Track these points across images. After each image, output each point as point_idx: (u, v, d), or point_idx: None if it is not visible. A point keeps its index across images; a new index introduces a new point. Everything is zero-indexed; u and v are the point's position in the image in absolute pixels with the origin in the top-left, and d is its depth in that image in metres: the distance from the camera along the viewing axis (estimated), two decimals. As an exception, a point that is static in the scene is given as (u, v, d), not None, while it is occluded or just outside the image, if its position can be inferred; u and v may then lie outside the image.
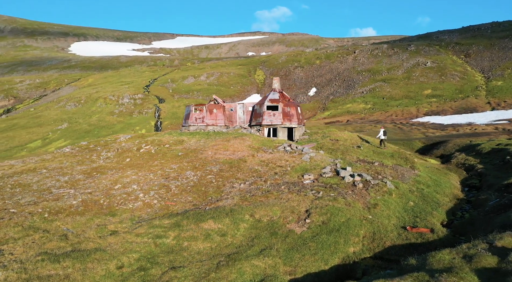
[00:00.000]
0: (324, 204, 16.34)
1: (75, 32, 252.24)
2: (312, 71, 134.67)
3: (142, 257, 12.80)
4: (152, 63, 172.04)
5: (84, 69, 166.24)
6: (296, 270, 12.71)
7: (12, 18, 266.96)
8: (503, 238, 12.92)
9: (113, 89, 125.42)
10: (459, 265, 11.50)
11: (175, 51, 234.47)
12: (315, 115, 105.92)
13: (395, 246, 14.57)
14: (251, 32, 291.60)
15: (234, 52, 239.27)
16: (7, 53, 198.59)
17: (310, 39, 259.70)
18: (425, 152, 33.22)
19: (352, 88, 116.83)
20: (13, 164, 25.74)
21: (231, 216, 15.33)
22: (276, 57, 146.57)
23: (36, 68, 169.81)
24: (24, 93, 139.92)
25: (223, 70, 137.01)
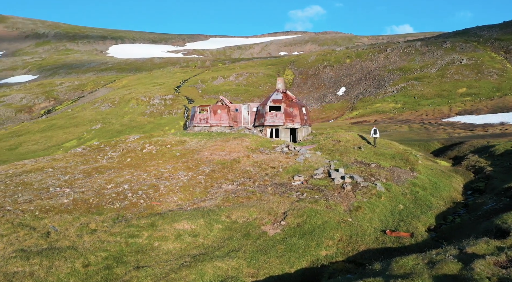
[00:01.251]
0: (303, 206, 16.19)
1: (113, 35, 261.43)
2: (342, 70, 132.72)
3: (110, 256, 13.21)
4: (184, 64, 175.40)
5: (120, 71, 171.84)
6: (259, 272, 12.70)
7: (55, 23, 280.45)
8: (475, 245, 12.40)
9: (145, 90, 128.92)
10: (419, 271, 11.17)
11: (208, 52, 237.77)
12: (343, 114, 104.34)
13: (369, 250, 14.23)
14: (284, 32, 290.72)
15: (266, 52, 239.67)
16: (50, 57, 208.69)
17: (344, 37, 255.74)
18: (439, 154, 31.98)
19: (382, 87, 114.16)
20: (26, 163, 27.19)
21: (206, 217, 15.50)
22: (305, 57, 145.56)
23: (76, 71, 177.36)
24: (63, 94, 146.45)
25: (252, 71, 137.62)
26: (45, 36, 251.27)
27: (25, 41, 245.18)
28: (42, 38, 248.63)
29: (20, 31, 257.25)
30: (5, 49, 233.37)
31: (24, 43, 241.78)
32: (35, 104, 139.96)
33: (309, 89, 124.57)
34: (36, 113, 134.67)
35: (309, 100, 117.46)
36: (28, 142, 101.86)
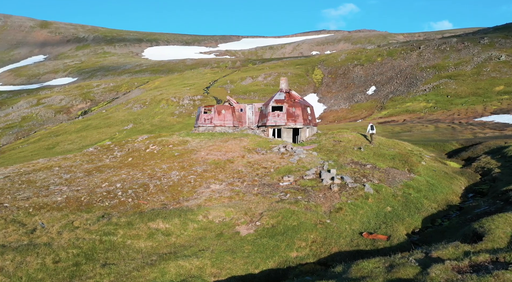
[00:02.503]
0: (281, 207, 16.11)
1: (148, 38, 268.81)
2: (373, 69, 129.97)
3: (81, 253, 13.69)
4: (215, 65, 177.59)
5: (153, 73, 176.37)
6: (222, 272, 12.78)
7: (94, 27, 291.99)
8: (442, 249, 12.00)
9: (175, 91, 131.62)
10: (375, 275, 10.98)
11: (240, 53, 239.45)
12: (372, 114, 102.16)
13: (341, 253, 13.98)
14: (316, 31, 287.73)
15: (297, 51, 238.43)
16: (89, 59, 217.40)
17: (378, 35, 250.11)
18: (454, 155, 30.70)
19: (414, 86, 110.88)
20: (39, 161, 28.59)
21: (183, 217, 15.73)
22: (335, 56, 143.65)
23: (112, 73, 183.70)
24: (99, 96, 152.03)
25: (280, 71, 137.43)
26: (84, 40, 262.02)
27: (67, 45, 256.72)
28: (82, 42, 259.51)
29: (62, 36, 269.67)
30: (48, 53, 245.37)
31: (65, 47, 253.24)
32: (73, 105, 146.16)
33: (338, 88, 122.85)
34: (74, 114, 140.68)
35: (338, 99, 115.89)
36: (64, 142, 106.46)
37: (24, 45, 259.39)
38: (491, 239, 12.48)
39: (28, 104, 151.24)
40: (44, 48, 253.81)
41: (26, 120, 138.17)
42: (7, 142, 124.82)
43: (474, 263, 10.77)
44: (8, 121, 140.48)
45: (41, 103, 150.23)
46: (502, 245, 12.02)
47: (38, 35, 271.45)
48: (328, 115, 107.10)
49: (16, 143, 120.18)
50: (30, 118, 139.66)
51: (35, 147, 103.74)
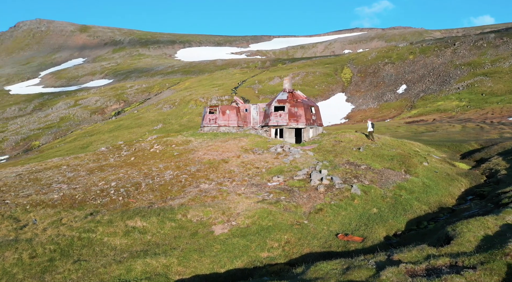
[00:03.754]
0: (259, 207, 16.09)
1: (181, 40, 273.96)
2: (404, 67, 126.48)
3: (58, 249, 14.26)
4: (245, 66, 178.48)
5: (185, 74, 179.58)
6: (186, 271, 12.95)
7: (130, 30, 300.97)
8: (404, 252, 11.67)
9: (204, 91, 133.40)
10: (328, 277, 10.94)
11: (271, 53, 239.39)
12: (400, 113, 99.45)
13: (312, 254, 13.81)
14: (348, 29, 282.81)
15: (329, 50, 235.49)
16: (124, 62, 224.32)
17: (413, 32, 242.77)
18: (468, 156, 29.37)
19: (446, 84, 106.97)
20: (53, 160, 29.93)
21: (162, 215, 16.05)
22: (365, 54, 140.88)
23: (145, 74, 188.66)
24: (132, 97, 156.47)
25: (309, 70, 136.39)
26: (121, 43, 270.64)
27: (104, 48, 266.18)
28: (119, 44, 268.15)
29: (100, 39, 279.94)
30: (87, 56, 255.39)
31: (103, 50, 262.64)
32: (107, 106, 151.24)
33: (367, 87, 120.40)
34: (108, 115, 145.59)
35: (366, 99, 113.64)
36: (97, 141, 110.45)
37: (65, 48, 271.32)
38: (458, 243, 12.01)
39: (66, 105, 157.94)
40: (83, 51, 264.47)
41: (64, 121, 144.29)
42: (46, 141, 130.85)
43: (431, 267, 10.44)
44: (48, 121, 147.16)
45: (78, 104, 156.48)
46: (469, 249, 11.52)
47: (78, 39, 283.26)
48: (355, 115, 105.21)
49: (54, 142, 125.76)
50: (68, 119, 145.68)
51: (70, 146, 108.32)
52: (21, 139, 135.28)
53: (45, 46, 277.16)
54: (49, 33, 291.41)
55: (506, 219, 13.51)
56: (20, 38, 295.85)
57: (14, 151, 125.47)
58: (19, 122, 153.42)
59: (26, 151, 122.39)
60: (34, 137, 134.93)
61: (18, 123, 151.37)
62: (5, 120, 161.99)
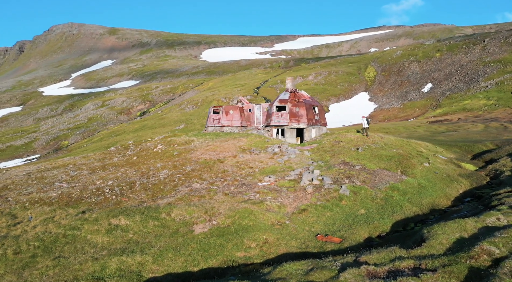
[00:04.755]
0: (241, 207, 16.06)
1: (206, 41, 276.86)
2: (430, 65, 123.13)
3: (42, 246, 14.71)
4: (269, 65, 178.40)
5: (209, 74, 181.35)
6: (160, 269, 13.09)
7: (157, 32, 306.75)
8: (372, 253, 11.44)
9: (226, 91, 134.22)
10: (290, 277, 11.01)
11: (296, 52, 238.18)
12: (425, 113, 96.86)
13: (287, 254, 13.68)
14: (375, 27, 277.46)
15: (355, 49, 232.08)
16: (151, 63, 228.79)
17: (443, 29, 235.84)
18: (478, 156, 28.25)
19: (474, 82, 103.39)
20: (64, 159, 30.89)
21: (146, 214, 16.28)
22: (390, 53, 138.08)
23: (171, 75, 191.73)
24: (157, 97, 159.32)
25: (332, 69, 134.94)
26: (148, 44, 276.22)
27: (132, 50, 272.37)
28: (146, 46, 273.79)
29: (128, 41, 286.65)
30: (115, 58, 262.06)
31: (131, 52, 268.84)
32: (133, 106, 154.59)
33: (391, 86, 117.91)
34: (133, 115, 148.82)
35: (390, 98, 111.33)
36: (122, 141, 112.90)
37: (95, 51, 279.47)
38: (430, 245, 11.68)
39: (94, 106, 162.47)
40: (112, 53, 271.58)
41: (91, 121, 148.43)
42: (74, 141, 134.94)
43: (394, 269, 10.23)
44: (77, 121, 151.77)
45: (105, 105, 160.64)
46: (439, 252, 11.18)
47: (107, 41, 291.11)
48: (378, 115, 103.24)
49: (81, 142, 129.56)
50: (95, 119, 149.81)
51: (96, 146, 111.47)
52: (51, 139, 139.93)
53: (76, 48, 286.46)
54: (80, 36, 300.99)
55: (486, 222, 12.97)
56: (53, 42, 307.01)
57: (45, 151, 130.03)
58: (50, 122, 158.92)
59: (56, 150, 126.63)
60: (64, 137, 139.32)
61: (49, 124, 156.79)
62: (38, 120, 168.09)
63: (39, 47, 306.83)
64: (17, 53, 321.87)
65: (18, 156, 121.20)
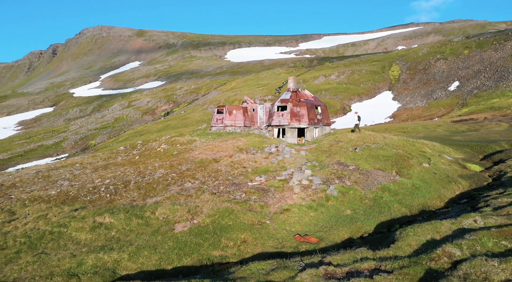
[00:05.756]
0: (224, 206, 16.07)
1: (231, 41, 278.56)
2: (457, 62, 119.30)
3: (27, 242, 15.19)
4: (292, 65, 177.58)
5: (232, 74, 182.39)
6: (134, 266, 13.26)
7: (183, 33, 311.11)
8: (337, 254, 11.29)
9: (248, 91, 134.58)
10: (251, 276, 11.29)
11: (321, 51, 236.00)
12: (450, 112, 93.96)
13: (262, 254, 13.62)
14: (403, 25, 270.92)
15: (382, 47, 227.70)
16: (177, 64, 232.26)
17: (474, 25, 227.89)
18: (488, 157, 27.12)
19: (504, 79, 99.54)
20: (74, 158, 31.82)
21: (130, 212, 16.54)
22: (416, 50, 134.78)
23: (195, 76, 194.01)
24: (181, 98, 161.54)
25: (355, 68, 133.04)
26: (174, 46, 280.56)
27: (159, 51, 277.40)
28: (172, 47, 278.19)
29: (155, 43, 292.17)
30: (143, 59, 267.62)
31: (157, 53, 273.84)
32: (157, 107, 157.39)
33: (416, 85, 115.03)
34: (158, 115, 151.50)
35: (414, 97, 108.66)
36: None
37: (123, 53, 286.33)
38: (398, 246, 11.45)
39: (120, 106, 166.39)
40: (139, 55, 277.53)
41: (117, 121, 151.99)
42: (101, 141, 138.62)
43: (354, 270, 10.08)
44: (104, 122, 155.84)
45: (131, 105, 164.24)
46: (406, 253, 10.92)
47: (135, 43, 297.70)
48: (401, 114, 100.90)
49: (107, 142, 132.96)
50: (121, 119, 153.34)
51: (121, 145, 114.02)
52: (79, 138, 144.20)
53: (105, 50, 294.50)
54: (109, 38, 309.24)
55: (462, 224, 12.50)
56: (84, 44, 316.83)
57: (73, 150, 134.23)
58: (79, 122, 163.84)
59: (84, 150, 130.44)
60: (91, 137, 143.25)
61: (78, 124, 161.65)
62: (68, 120, 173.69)
63: (71, 50, 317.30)
64: (51, 55, 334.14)
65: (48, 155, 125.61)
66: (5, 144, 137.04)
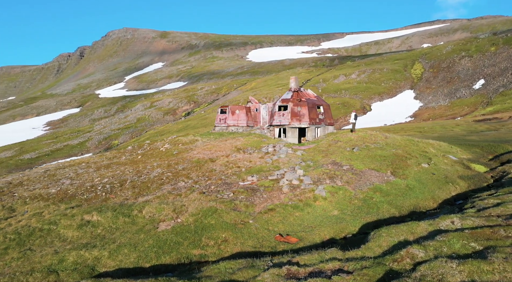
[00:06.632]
0: (208, 206, 16.08)
1: (252, 41, 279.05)
2: (483, 60, 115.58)
3: (17, 238, 15.62)
4: (313, 64, 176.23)
5: (253, 74, 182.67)
6: (112, 263, 13.43)
7: (205, 34, 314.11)
8: (306, 254, 11.20)
9: (268, 91, 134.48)
10: (216, 275, 11.10)
11: (343, 50, 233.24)
12: (474, 111, 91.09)
13: (241, 253, 13.54)
14: (429, 22, 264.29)
15: (406, 45, 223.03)
16: (199, 64, 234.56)
17: (504, 21, 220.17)
18: (497, 157, 26.10)
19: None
20: (83, 157, 32.56)
21: (118, 210, 16.77)
22: (439, 48, 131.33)
23: (216, 76, 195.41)
24: (201, 98, 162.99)
25: (376, 67, 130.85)
26: (196, 47, 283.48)
27: (181, 52, 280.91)
28: (194, 48, 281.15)
29: (177, 44, 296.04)
30: (166, 60, 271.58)
31: (180, 54, 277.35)
32: (179, 107, 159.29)
33: (439, 83, 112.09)
34: (178, 115, 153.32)
35: (437, 96, 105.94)
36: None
37: (147, 54, 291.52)
38: (368, 247, 11.26)
39: (143, 107, 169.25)
40: (162, 56, 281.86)
41: (140, 121, 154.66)
42: (123, 140, 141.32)
43: (317, 270, 9.97)
44: (126, 122, 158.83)
45: (154, 105, 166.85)
46: (375, 254, 10.73)
47: (158, 45, 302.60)
48: (422, 113, 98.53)
49: (129, 142, 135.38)
50: (143, 119, 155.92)
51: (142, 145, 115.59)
52: (103, 138, 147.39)
53: (130, 52, 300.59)
54: (134, 40, 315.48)
55: (439, 225, 12.12)
56: (109, 46, 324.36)
57: (97, 149, 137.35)
58: (103, 122, 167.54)
59: (107, 149, 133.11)
60: (114, 137, 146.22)
61: (102, 124, 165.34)
62: (92, 121, 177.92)
63: (97, 52, 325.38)
64: (78, 58, 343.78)
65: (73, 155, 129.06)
66: (33, 144, 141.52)
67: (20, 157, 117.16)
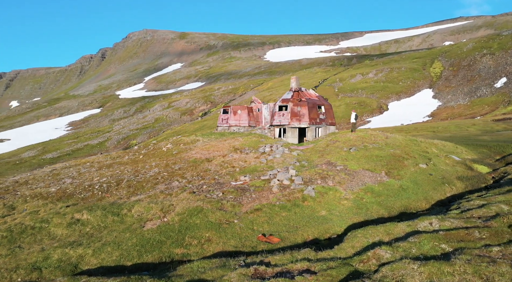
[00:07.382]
0: (194, 205, 16.12)
1: (270, 41, 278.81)
2: (506, 58, 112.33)
3: (8, 235, 16.00)
4: (330, 64, 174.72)
5: (270, 74, 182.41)
6: (95, 261, 13.61)
7: (224, 34, 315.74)
8: (279, 254, 11.18)
9: (284, 91, 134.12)
10: (186, 274, 11.11)
11: (362, 49, 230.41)
12: (495, 110, 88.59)
13: (222, 252, 13.55)
14: (451, 19, 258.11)
15: (427, 43, 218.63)
16: (217, 64, 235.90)
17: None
18: (504, 158, 25.24)
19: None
20: (89, 158, 33.17)
21: (108, 209, 16.98)
22: (460, 46, 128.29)
23: (234, 76, 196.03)
24: (218, 98, 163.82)
25: (394, 66, 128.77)
26: (214, 47, 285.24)
27: (200, 53, 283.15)
28: (213, 49, 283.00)
29: (196, 45, 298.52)
30: (184, 61, 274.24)
31: (198, 55, 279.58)
32: (195, 107, 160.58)
33: (459, 82, 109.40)
34: (195, 115, 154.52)
35: (456, 94, 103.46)
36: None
37: (166, 55, 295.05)
38: (341, 248, 11.15)
39: (161, 107, 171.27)
40: (181, 57, 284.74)
41: (157, 121, 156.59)
42: (141, 140, 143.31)
43: (285, 270, 9.93)
44: (145, 122, 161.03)
45: (171, 106, 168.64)
46: (348, 254, 10.64)
47: (177, 46, 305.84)
48: (441, 113, 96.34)
49: (147, 141, 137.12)
50: (161, 120, 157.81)
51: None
52: (122, 138, 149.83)
53: (149, 53, 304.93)
54: (153, 41, 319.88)
55: (417, 226, 11.85)
56: (130, 48, 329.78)
57: (116, 149, 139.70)
58: (122, 123, 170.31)
59: (125, 149, 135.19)
60: (132, 137, 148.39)
61: (121, 124, 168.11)
62: (112, 121, 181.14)
63: (118, 54, 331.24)
64: (100, 59, 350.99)
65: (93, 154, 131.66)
66: (55, 144, 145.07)
67: (42, 156, 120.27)
